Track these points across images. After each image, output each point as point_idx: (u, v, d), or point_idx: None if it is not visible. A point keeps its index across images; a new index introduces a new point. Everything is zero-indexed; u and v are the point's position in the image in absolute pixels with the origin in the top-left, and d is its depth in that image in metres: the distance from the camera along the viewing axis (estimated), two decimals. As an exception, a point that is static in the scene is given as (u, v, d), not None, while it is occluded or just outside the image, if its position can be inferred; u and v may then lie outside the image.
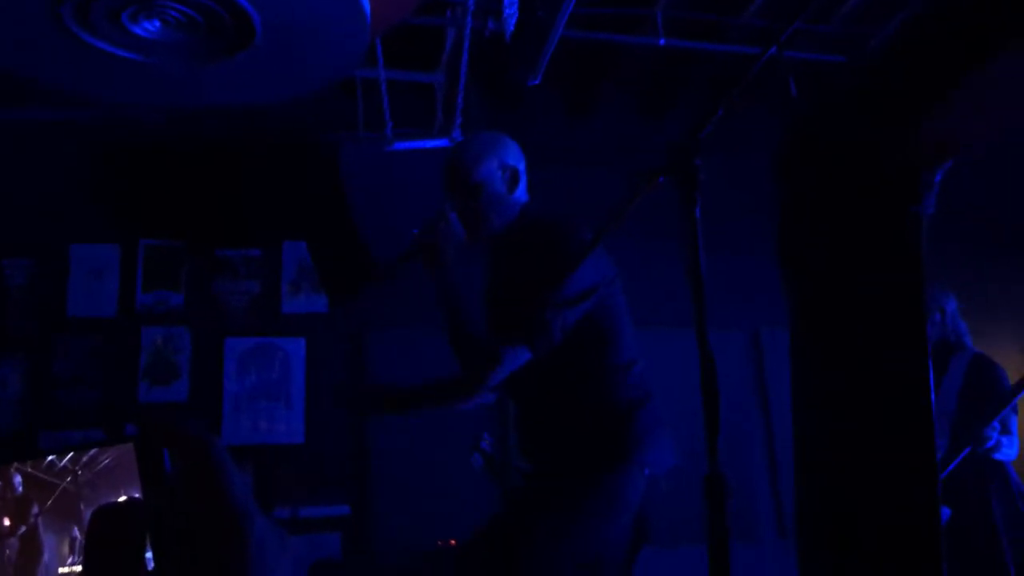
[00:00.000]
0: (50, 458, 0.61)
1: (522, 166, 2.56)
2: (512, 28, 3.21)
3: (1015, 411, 3.65)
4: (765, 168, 1.48)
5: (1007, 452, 3.64)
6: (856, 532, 1.28)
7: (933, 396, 1.23)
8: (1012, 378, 3.72)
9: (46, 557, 0.63)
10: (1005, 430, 3.61)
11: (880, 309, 1.25)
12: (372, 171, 3.98)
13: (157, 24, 2.25)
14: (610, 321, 2.47)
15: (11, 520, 0.63)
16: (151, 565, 0.57)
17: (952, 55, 1.11)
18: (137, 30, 2.25)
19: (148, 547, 0.57)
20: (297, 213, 4.81)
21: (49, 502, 0.62)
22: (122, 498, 0.59)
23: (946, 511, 3.40)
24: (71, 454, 0.60)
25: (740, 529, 4.73)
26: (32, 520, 0.63)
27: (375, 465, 4.75)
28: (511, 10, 3.16)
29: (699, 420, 1.43)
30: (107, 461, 0.59)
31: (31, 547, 0.63)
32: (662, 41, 4.23)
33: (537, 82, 3.85)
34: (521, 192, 2.55)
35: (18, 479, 0.62)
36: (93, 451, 0.60)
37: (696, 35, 4.44)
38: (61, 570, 0.63)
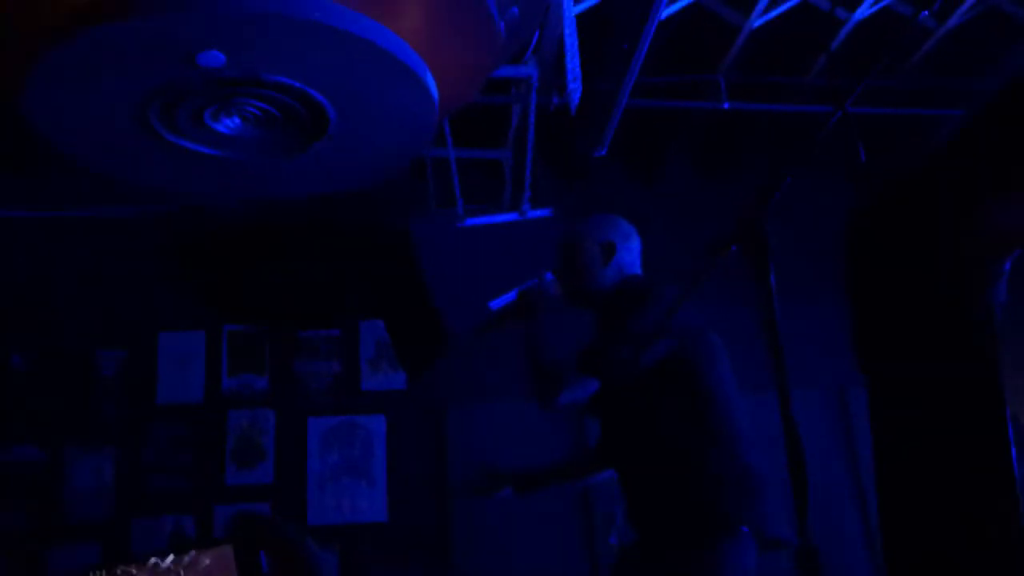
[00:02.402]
0: (153, 560, 0.63)
1: (625, 244, 2.78)
2: (577, 102, 3.26)
3: None
4: (841, 228, 1.48)
5: None
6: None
7: (1019, 485, 1.19)
8: None
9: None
10: None
11: (956, 399, 1.23)
12: (444, 247, 4.03)
13: (237, 121, 2.34)
14: (703, 377, 2.51)
15: (116, 620, 0.65)
16: None
17: (1019, 140, 1.10)
18: (218, 127, 2.35)
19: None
20: (373, 292, 4.89)
21: (152, 603, 0.64)
22: (221, 599, 0.61)
23: None
24: (171, 556, 0.62)
25: (838, 599, 4.53)
26: (136, 619, 0.64)
27: (459, 541, 4.71)
28: (575, 84, 3.21)
29: (787, 488, 1.40)
30: (207, 562, 0.61)
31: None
32: (726, 105, 4.25)
33: (603, 153, 3.88)
34: (620, 264, 2.75)
35: (123, 581, 0.64)
36: (193, 552, 0.62)
37: (760, 97, 4.44)
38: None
